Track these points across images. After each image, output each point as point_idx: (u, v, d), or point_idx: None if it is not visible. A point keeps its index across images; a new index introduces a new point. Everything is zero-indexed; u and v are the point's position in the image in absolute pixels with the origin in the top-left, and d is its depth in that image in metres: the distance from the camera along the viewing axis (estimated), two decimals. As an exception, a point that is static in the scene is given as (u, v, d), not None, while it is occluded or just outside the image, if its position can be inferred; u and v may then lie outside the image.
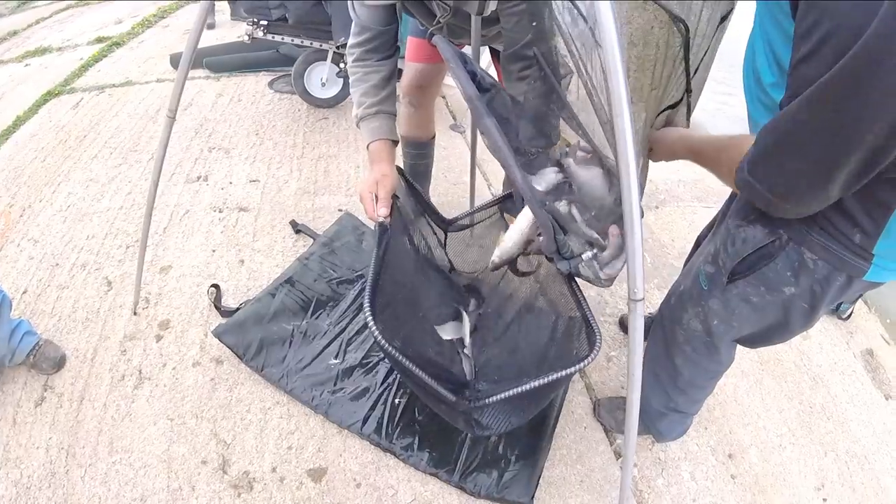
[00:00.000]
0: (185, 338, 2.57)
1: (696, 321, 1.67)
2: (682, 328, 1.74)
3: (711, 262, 1.55)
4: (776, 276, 1.37)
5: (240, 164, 3.74)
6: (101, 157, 3.76)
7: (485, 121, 1.42)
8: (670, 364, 1.88)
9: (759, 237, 1.37)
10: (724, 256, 1.48)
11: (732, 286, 1.48)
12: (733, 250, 1.45)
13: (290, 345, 2.47)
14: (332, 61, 3.99)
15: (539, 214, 1.44)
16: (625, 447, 1.51)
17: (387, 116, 1.93)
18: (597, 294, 2.93)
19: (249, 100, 4.50)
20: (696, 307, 1.65)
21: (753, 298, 1.46)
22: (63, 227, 3.16)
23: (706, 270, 1.57)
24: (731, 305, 1.53)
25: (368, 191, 1.88)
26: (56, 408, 2.30)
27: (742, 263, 1.43)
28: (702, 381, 1.92)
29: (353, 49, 1.89)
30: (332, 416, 2.26)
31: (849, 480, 2.27)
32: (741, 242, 1.42)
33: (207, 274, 2.90)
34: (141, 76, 4.85)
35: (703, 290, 1.59)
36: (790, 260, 1.33)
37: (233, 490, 2.06)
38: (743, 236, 1.41)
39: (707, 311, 1.61)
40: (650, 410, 2.07)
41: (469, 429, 1.78)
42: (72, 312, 2.68)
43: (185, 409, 2.30)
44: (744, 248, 1.41)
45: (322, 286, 2.74)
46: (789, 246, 1.31)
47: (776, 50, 1.12)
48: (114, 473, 2.10)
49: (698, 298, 1.63)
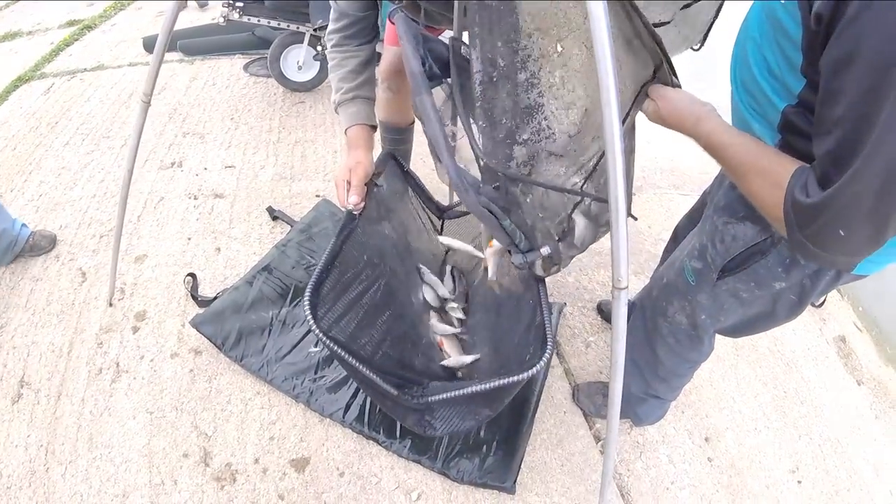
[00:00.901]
0: (162, 329, 2.54)
1: (682, 315, 1.68)
2: (667, 320, 1.74)
3: (698, 257, 1.54)
4: (767, 272, 1.36)
5: (215, 149, 3.67)
6: (73, 144, 3.68)
7: (422, 97, 1.39)
8: (651, 353, 1.89)
9: (750, 234, 1.36)
10: (712, 253, 1.47)
11: (722, 282, 1.48)
12: (722, 247, 1.43)
13: (269, 334, 2.45)
14: (309, 44, 3.91)
15: (470, 202, 1.40)
16: (608, 433, 1.51)
17: (364, 101, 1.91)
18: (575, 280, 2.93)
19: (224, 84, 4.41)
20: (683, 301, 1.65)
21: (743, 294, 1.47)
22: (35, 216, 3.09)
23: (693, 266, 1.56)
24: (720, 300, 1.54)
25: (342, 178, 1.87)
26: (33, 404, 2.26)
27: (732, 260, 1.42)
28: (682, 371, 1.94)
29: (331, 35, 1.86)
30: (313, 404, 2.24)
31: (822, 463, 2.31)
32: (731, 239, 1.40)
33: (183, 263, 2.85)
34: (113, 60, 4.74)
35: (690, 285, 1.59)
36: (781, 256, 1.32)
37: (216, 483, 2.05)
38: (732, 233, 1.40)
39: (694, 305, 1.61)
40: (629, 395, 2.08)
41: (419, 428, 1.79)
42: (46, 305, 2.63)
43: (165, 402, 2.28)
44: (734, 246, 1.40)
45: (300, 273, 2.71)
46: (781, 243, 1.30)
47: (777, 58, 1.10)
48: (94, 470, 2.08)
49: (685, 293, 1.62)
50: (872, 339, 2.95)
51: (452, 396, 1.58)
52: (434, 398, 1.60)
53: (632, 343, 1.94)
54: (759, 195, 1.11)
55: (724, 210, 1.45)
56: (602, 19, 0.99)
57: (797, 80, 1.05)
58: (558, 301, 2.73)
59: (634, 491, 2.14)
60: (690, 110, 1.27)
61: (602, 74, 1.02)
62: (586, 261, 3.02)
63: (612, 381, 1.39)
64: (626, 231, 1.18)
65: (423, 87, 1.40)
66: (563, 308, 2.71)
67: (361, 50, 1.88)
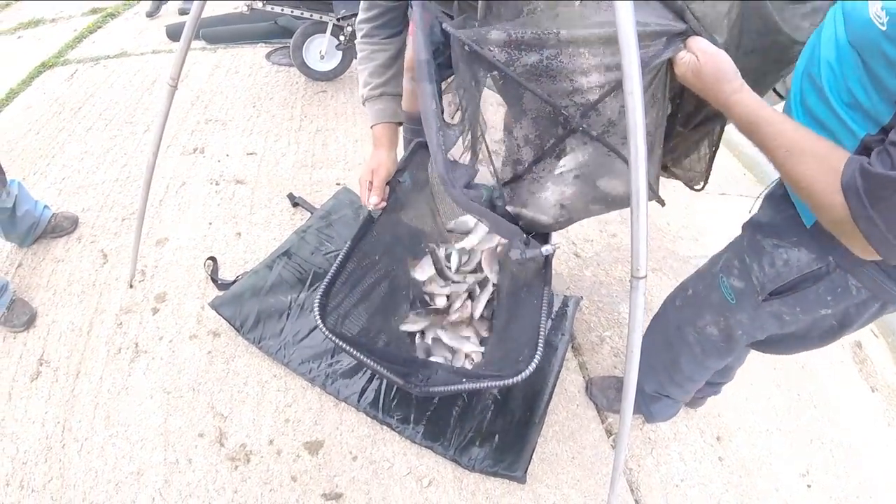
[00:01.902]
0: (181, 311, 2.56)
1: (715, 328, 1.64)
2: (696, 331, 1.71)
3: (739, 276, 1.49)
4: (816, 298, 1.33)
5: (237, 136, 3.70)
6: (96, 129, 3.72)
7: (423, 84, 1.38)
8: (671, 360, 1.87)
9: (805, 261, 1.31)
10: (759, 275, 1.42)
11: (767, 304, 1.43)
12: (773, 271, 1.38)
13: (287, 317, 2.47)
14: (332, 34, 3.92)
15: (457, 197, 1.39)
16: (620, 426, 1.51)
17: (391, 98, 1.92)
18: (592, 275, 2.92)
19: (246, 72, 4.44)
20: (718, 316, 1.61)
21: (786, 316, 1.44)
22: (58, 199, 3.13)
23: (733, 285, 1.51)
24: (762, 320, 1.50)
25: (365, 178, 1.91)
26: (52, 382, 2.29)
27: (782, 284, 1.37)
28: (698, 377, 1.93)
29: (361, 25, 1.86)
30: (329, 388, 2.26)
31: (833, 468, 2.29)
32: (783, 264, 1.35)
33: (204, 247, 2.88)
34: (136, 47, 4.78)
35: (728, 303, 1.55)
36: (834, 285, 1.29)
37: (230, 462, 2.07)
38: (785, 258, 1.35)
39: (732, 322, 1.57)
40: (642, 393, 2.09)
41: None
42: (67, 286, 2.66)
43: (182, 382, 2.30)
44: (786, 272, 1.35)
45: (319, 259, 2.73)
46: (836, 272, 1.27)
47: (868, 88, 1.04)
48: (110, 447, 2.11)
49: (721, 309, 1.58)
50: (888, 345, 2.92)
51: (450, 390, 1.73)
52: (434, 389, 1.73)
53: (649, 347, 1.92)
54: (809, 177, 1.04)
55: (771, 231, 1.40)
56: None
57: (889, 109, 1.00)
58: (575, 295, 2.73)
59: (644, 486, 2.14)
60: (735, 73, 1.16)
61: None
62: (604, 255, 3.02)
63: (626, 372, 1.39)
64: (646, 220, 1.17)
65: (427, 74, 1.39)
66: (580, 302, 2.70)
67: (391, 43, 1.88)
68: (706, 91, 1.18)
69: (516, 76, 1.30)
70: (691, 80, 1.20)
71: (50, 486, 2.00)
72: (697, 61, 1.16)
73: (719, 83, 1.15)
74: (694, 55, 1.17)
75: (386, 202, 1.96)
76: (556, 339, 2.50)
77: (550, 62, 1.25)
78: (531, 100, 1.35)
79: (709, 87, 1.17)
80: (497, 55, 1.29)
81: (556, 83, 1.28)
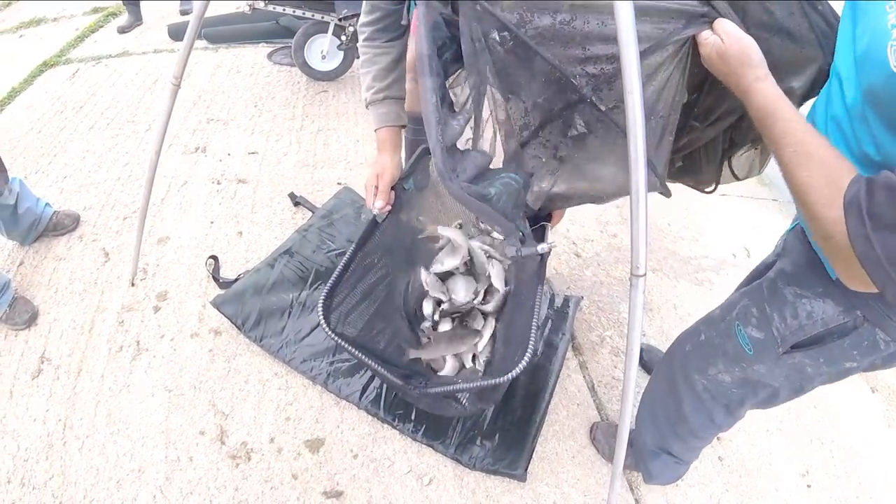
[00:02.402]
0: (183, 309, 2.57)
1: (728, 376, 1.52)
2: (706, 378, 1.59)
3: (758, 326, 1.38)
4: (841, 352, 1.24)
5: (238, 135, 3.71)
6: (97, 128, 3.73)
7: (424, 79, 1.38)
8: (675, 408, 1.75)
9: (831, 314, 1.21)
10: (780, 327, 1.31)
11: (788, 356, 1.33)
12: (795, 323, 1.27)
13: (289, 315, 2.47)
14: (333, 34, 3.93)
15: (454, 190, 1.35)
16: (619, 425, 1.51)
17: (394, 101, 1.92)
18: (592, 275, 2.92)
19: (248, 71, 4.45)
20: (733, 366, 1.48)
21: (808, 369, 1.33)
22: (60, 198, 3.13)
23: (751, 334, 1.39)
24: (782, 372, 1.39)
25: (371, 183, 1.92)
26: (53, 380, 2.30)
27: (804, 338, 1.27)
28: (705, 434, 1.79)
29: (363, 28, 1.87)
30: (330, 386, 2.26)
31: (832, 469, 2.29)
32: (805, 316, 1.25)
33: (206, 245, 2.88)
34: (138, 47, 4.79)
35: (745, 353, 1.42)
36: (860, 339, 1.19)
37: (231, 460, 2.07)
38: (808, 309, 1.25)
39: (748, 372, 1.45)
40: (642, 447, 2.00)
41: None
42: (69, 284, 2.67)
43: (184, 381, 2.30)
44: (811, 325, 1.24)
45: (321, 257, 2.74)
46: (864, 326, 1.17)
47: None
48: (112, 445, 2.11)
49: (737, 359, 1.46)
50: (890, 345, 2.90)
51: (447, 390, 1.72)
52: (432, 391, 1.70)
53: (652, 394, 1.89)
54: (809, 184, 0.97)
55: (793, 279, 1.31)
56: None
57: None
58: (575, 295, 2.73)
59: (644, 485, 2.13)
60: (761, 61, 1.11)
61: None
62: (605, 255, 3.02)
63: (626, 367, 1.39)
64: (646, 217, 1.17)
65: (428, 69, 1.38)
66: (581, 302, 2.71)
67: (393, 46, 1.88)
68: (729, 75, 1.15)
69: (527, 38, 1.27)
70: (716, 62, 1.16)
71: (51, 483, 2.01)
72: (723, 43, 1.13)
73: (743, 67, 1.12)
74: (719, 37, 1.14)
75: (391, 206, 1.97)
76: (557, 338, 2.50)
77: (563, 27, 1.22)
78: (540, 65, 1.32)
79: (732, 70, 1.14)
80: (508, 16, 1.27)
81: (568, 49, 1.25)
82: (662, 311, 2.77)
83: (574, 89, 1.31)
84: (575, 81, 1.28)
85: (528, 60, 1.33)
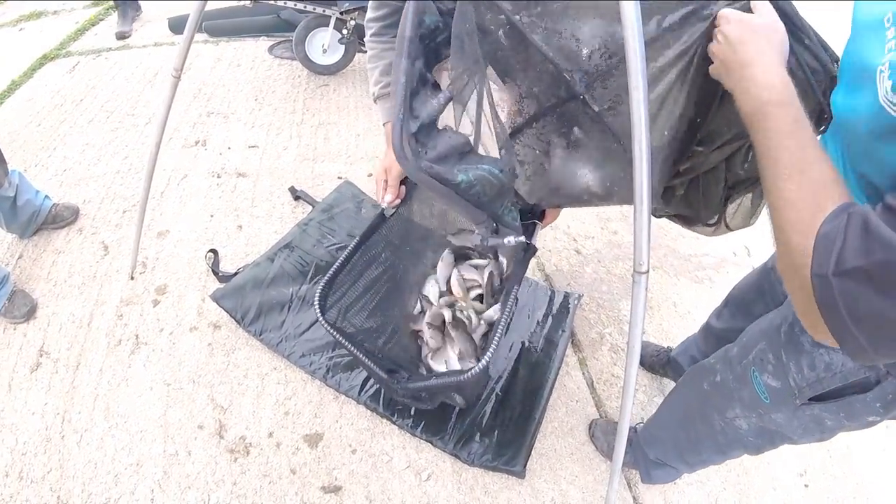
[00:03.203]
0: (182, 303, 2.56)
1: (745, 422, 1.45)
2: (723, 421, 1.52)
3: (774, 374, 1.29)
4: (863, 406, 1.14)
5: (238, 129, 3.69)
6: (97, 121, 3.72)
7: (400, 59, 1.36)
8: (687, 439, 1.72)
9: (850, 368, 1.12)
10: (797, 377, 1.22)
11: (806, 407, 1.24)
12: (812, 375, 1.19)
13: (288, 310, 2.47)
14: (335, 27, 3.91)
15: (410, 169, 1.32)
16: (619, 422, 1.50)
17: None
18: (593, 272, 2.92)
19: (248, 65, 4.43)
20: (750, 413, 1.41)
21: (828, 422, 1.25)
22: (60, 191, 3.12)
23: (767, 383, 1.31)
24: (801, 422, 1.31)
25: (380, 178, 1.94)
26: (52, 373, 2.29)
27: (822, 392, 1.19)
28: (714, 461, 1.74)
29: (370, 23, 1.87)
30: (329, 381, 2.26)
31: (830, 469, 2.28)
32: (824, 369, 1.16)
33: (205, 239, 2.88)
34: (138, 40, 4.77)
35: (761, 401, 1.35)
36: (884, 393, 1.10)
37: (229, 455, 2.07)
38: (826, 360, 1.16)
39: (766, 419, 1.38)
40: (644, 456, 1.98)
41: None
42: (68, 277, 2.66)
43: (182, 375, 2.30)
44: (829, 378, 1.16)
45: (321, 251, 2.73)
46: (887, 380, 1.08)
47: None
48: (110, 439, 2.11)
49: (753, 406, 1.39)
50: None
51: (423, 385, 1.74)
52: (412, 385, 1.74)
53: (665, 417, 1.87)
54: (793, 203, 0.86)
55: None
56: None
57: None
58: (575, 292, 2.72)
59: (641, 483, 2.13)
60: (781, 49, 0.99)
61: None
62: (605, 252, 3.01)
63: (627, 367, 1.38)
64: (649, 214, 1.16)
65: (405, 52, 1.36)
66: (580, 299, 2.70)
67: None
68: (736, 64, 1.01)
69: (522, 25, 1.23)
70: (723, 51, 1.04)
71: (49, 477, 2.00)
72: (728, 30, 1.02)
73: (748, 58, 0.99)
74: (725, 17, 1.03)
75: (400, 200, 1.98)
76: (557, 335, 2.49)
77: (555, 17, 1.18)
78: (534, 55, 1.28)
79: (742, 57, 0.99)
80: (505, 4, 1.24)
81: (563, 41, 1.19)
82: (662, 308, 2.76)
83: (567, 85, 1.26)
84: (568, 77, 1.24)
85: (523, 48, 1.29)
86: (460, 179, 1.28)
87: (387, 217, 1.99)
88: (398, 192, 1.94)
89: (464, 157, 1.42)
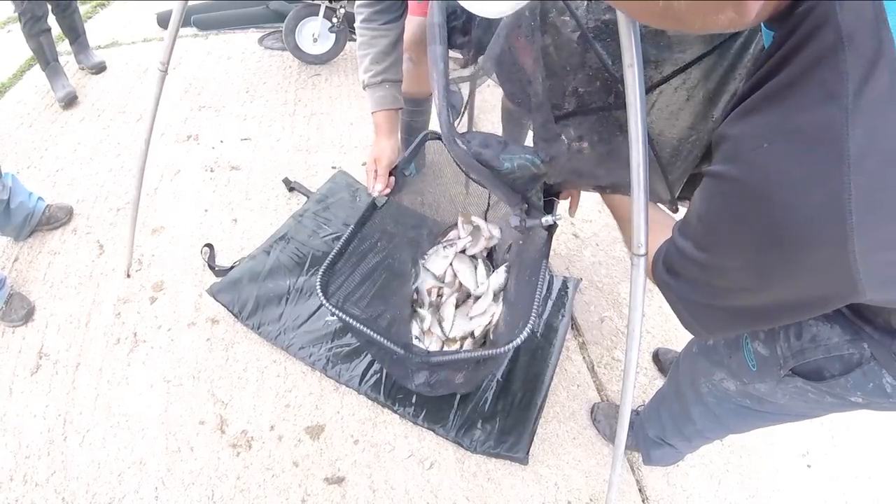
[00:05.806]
0: (179, 299, 2.56)
1: (732, 384, 1.43)
2: (710, 383, 1.51)
3: (764, 341, 1.27)
4: (843, 390, 1.13)
5: (231, 122, 3.67)
6: (88, 120, 3.70)
7: (433, 46, 1.36)
8: (681, 410, 1.69)
9: (836, 342, 1.10)
10: (783, 345, 1.20)
11: (790, 379, 1.22)
12: (797, 345, 1.17)
13: (286, 302, 2.46)
14: (324, 17, 3.88)
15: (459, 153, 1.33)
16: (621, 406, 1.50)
17: (392, 85, 1.92)
18: (591, 255, 2.90)
19: (239, 58, 4.40)
20: (736, 380, 1.40)
21: (811, 394, 1.22)
22: (53, 192, 3.11)
23: (757, 350, 1.29)
24: (784, 392, 1.28)
25: (370, 168, 1.93)
26: (52, 375, 2.29)
27: (806, 363, 1.17)
28: (712, 433, 1.72)
29: (360, 9, 1.85)
30: (330, 372, 2.26)
31: (832, 450, 2.28)
32: (809, 339, 1.14)
33: (200, 234, 2.86)
34: (126, 37, 4.74)
35: (749, 370, 1.33)
36: (865, 380, 1.08)
37: (231, 449, 2.07)
38: (813, 332, 1.14)
39: (750, 387, 1.36)
40: (645, 436, 1.96)
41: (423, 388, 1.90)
42: (64, 278, 2.65)
43: (182, 371, 2.30)
44: (812, 350, 1.14)
45: (317, 242, 2.72)
46: (869, 365, 1.06)
47: None
48: (112, 438, 2.11)
49: (740, 373, 1.38)
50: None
51: (449, 360, 1.64)
52: (435, 359, 1.64)
53: (661, 395, 1.86)
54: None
55: None
56: None
57: None
58: (574, 276, 2.71)
59: (644, 466, 2.13)
60: None
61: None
62: (603, 236, 3.00)
63: (627, 350, 1.38)
64: (646, 195, 1.16)
65: (437, 37, 1.36)
66: (579, 284, 2.69)
67: (390, 29, 1.87)
68: None
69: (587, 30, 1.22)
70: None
71: (53, 479, 2.01)
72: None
73: None
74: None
75: (390, 189, 1.96)
76: (557, 320, 2.49)
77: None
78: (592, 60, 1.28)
79: None
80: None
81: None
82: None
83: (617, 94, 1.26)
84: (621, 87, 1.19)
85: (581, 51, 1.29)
86: (506, 166, 1.32)
87: (378, 206, 1.97)
88: (388, 182, 1.93)
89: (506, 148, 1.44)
